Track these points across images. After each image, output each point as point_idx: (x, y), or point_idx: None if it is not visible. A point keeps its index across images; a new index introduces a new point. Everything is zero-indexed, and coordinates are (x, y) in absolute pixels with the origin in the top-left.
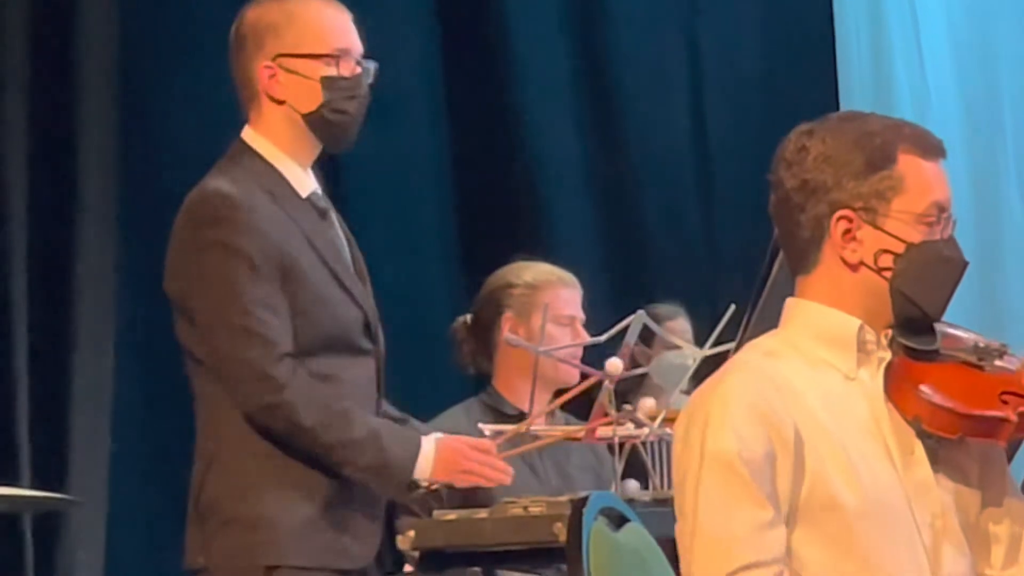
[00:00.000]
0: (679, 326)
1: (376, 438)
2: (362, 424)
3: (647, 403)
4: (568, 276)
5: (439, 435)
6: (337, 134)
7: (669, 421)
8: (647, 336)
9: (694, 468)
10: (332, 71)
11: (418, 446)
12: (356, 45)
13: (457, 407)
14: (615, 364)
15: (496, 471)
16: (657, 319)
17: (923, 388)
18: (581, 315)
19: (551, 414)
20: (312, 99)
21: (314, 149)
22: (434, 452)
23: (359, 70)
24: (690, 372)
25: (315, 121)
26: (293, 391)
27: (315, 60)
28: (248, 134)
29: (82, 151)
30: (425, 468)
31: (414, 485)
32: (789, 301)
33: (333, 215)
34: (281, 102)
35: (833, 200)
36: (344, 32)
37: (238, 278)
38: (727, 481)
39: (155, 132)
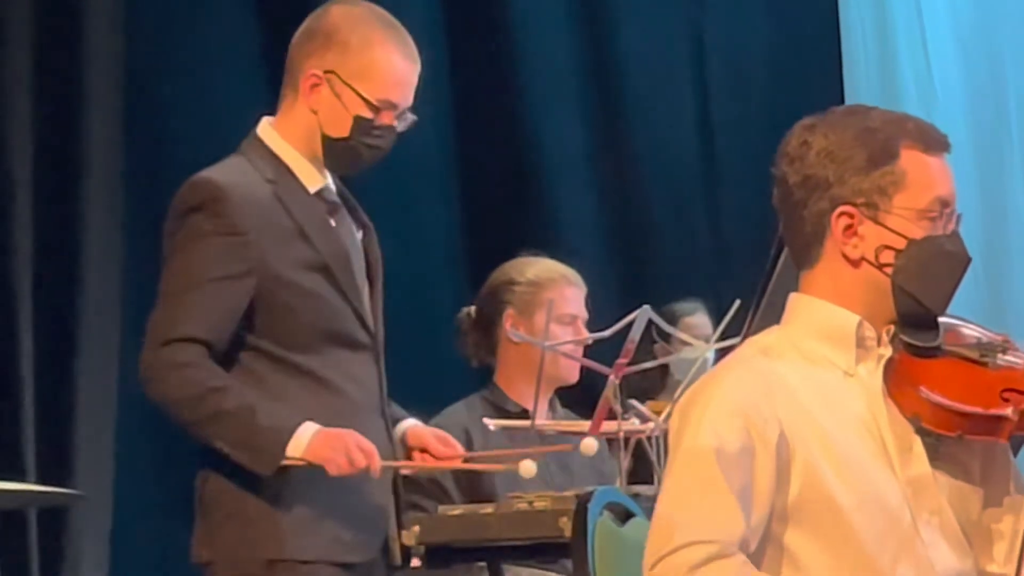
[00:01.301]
0: (697, 321)
1: (249, 412)
2: (236, 399)
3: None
4: (572, 274)
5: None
6: (342, 165)
7: None
8: (665, 333)
9: (670, 461)
10: (369, 114)
11: (297, 424)
12: (406, 101)
13: (459, 403)
14: (590, 445)
15: (358, 467)
16: (676, 315)
17: (923, 385)
18: (584, 314)
19: (553, 410)
20: (339, 128)
21: None
22: (313, 433)
23: (395, 122)
24: (706, 366)
25: (330, 145)
26: (162, 370)
27: (360, 99)
28: (263, 129)
29: (88, 146)
30: (298, 446)
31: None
32: (792, 296)
33: (346, 212)
34: (314, 111)
35: (835, 196)
36: (402, 88)
37: (185, 264)
38: (695, 473)
39: (162, 126)
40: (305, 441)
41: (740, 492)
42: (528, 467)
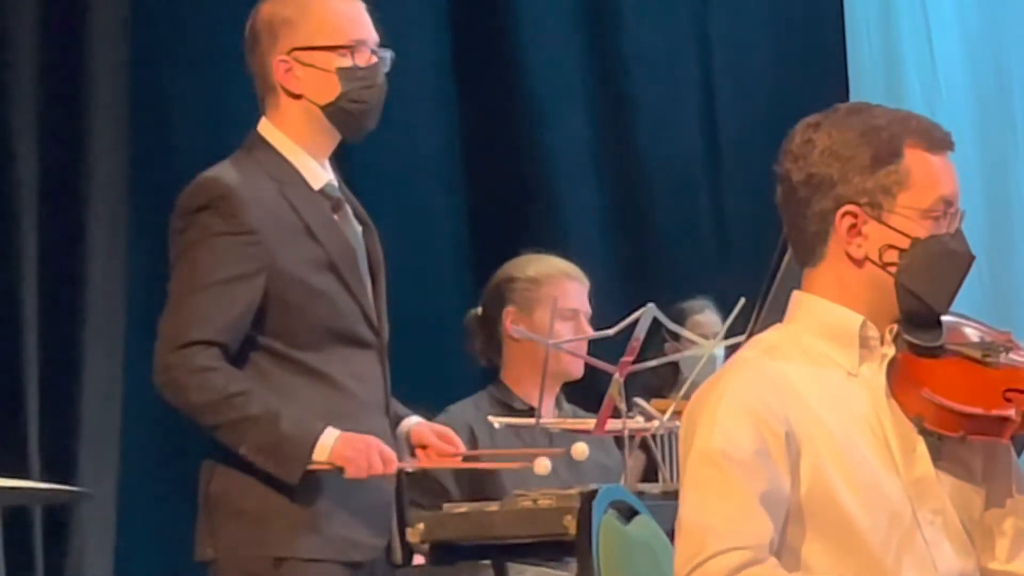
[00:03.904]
0: (706, 319)
1: (274, 418)
2: (260, 404)
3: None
4: (573, 269)
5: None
6: (356, 124)
7: (679, 414)
8: (673, 332)
9: (683, 464)
10: (348, 62)
11: (321, 429)
12: (371, 35)
13: (466, 400)
14: (581, 449)
15: (375, 472)
16: (686, 313)
17: (925, 386)
18: (586, 309)
19: (559, 407)
20: (329, 91)
21: (332, 141)
22: (336, 437)
23: (375, 59)
24: (714, 364)
25: (334, 112)
26: (180, 374)
27: (330, 52)
28: (264, 126)
29: (93, 145)
30: (323, 452)
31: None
32: (795, 294)
33: (348, 207)
34: (298, 96)
35: (839, 195)
36: (358, 23)
37: (196, 264)
38: (708, 476)
39: (167, 123)
40: (329, 446)
41: (763, 495)
42: (543, 464)
